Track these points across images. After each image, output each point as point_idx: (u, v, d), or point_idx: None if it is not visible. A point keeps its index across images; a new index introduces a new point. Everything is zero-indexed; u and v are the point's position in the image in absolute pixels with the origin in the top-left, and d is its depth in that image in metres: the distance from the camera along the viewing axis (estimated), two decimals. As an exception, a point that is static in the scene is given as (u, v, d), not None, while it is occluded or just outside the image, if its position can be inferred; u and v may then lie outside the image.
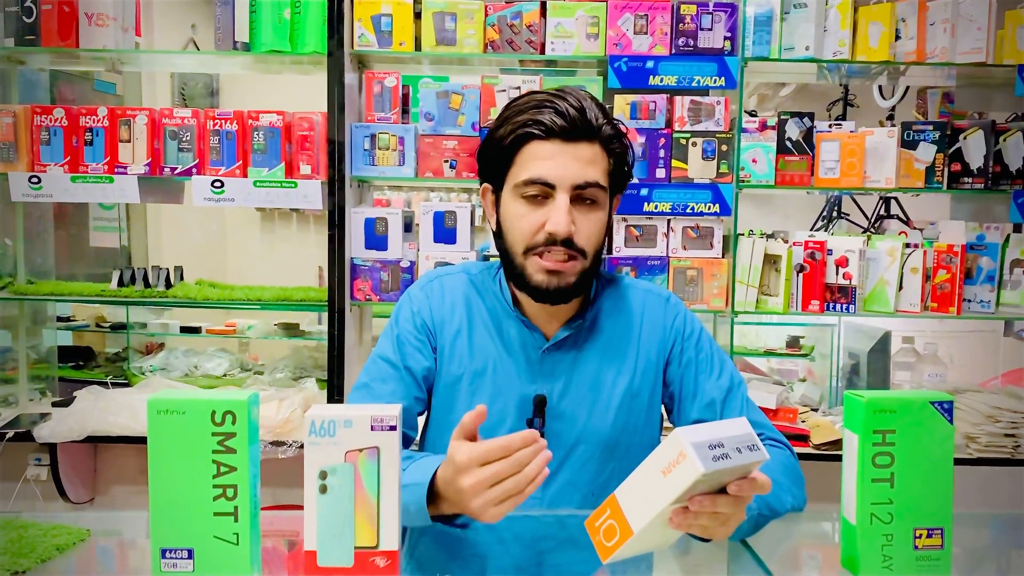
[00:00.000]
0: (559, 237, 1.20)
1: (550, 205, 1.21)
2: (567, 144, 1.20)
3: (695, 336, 1.36)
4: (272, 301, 2.57)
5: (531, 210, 1.22)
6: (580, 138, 1.21)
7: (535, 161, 1.21)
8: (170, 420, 0.90)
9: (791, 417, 2.46)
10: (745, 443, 0.88)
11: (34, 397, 2.73)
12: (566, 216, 1.19)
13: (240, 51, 2.42)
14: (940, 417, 0.98)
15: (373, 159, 2.42)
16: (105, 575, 1.10)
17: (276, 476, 2.20)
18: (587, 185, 1.21)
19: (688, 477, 0.84)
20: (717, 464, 0.84)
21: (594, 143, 1.22)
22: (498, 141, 1.25)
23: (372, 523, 0.92)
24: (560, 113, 1.19)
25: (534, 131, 1.20)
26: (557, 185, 1.20)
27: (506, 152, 1.24)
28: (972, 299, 2.41)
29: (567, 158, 1.20)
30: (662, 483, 0.87)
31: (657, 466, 0.88)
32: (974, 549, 1.20)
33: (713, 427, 0.89)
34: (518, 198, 1.23)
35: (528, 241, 1.23)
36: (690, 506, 0.88)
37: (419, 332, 1.33)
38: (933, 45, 2.36)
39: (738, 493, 0.89)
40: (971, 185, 2.42)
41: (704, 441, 0.85)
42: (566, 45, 2.39)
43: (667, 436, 0.88)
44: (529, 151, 1.22)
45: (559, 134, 1.20)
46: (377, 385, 1.29)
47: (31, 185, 2.41)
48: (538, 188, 1.21)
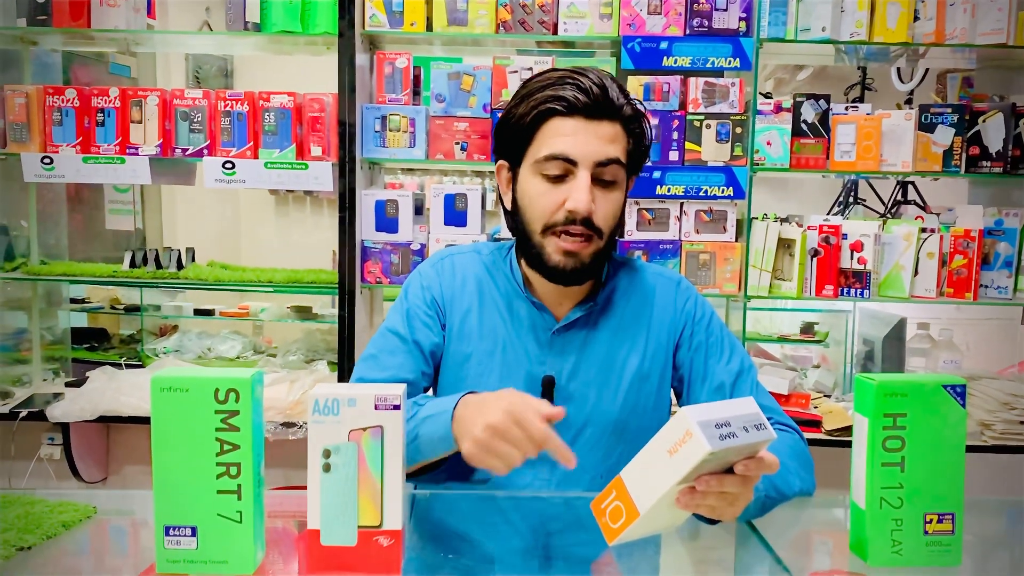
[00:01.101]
0: (579, 215, 1.19)
1: (570, 183, 1.20)
2: (589, 122, 1.19)
3: (706, 320, 1.35)
4: (283, 283, 2.57)
5: (551, 188, 1.21)
6: (602, 116, 1.19)
7: (557, 137, 1.20)
8: (173, 398, 0.90)
9: (803, 403, 2.44)
10: (752, 422, 0.87)
11: (48, 377, 2.75)
12: (587, 194, 1.18)
13: (251, 32, 2.42)
14: (952, 401, 0.96)
15: (384, 141, 2.41)
16: (110, 551, 1.11)
17: (287, 457, 2.21)
18: (608, 162, 1.20)
19: (695, 456, 0.83)
20: (724, 443, 0.83)
21: (615, 122, 1.21)
22: (518, 117, 1.23)
23: (376, 502, 0.92)
24: (583, 90, 1.18)
25: (556, 107, 1.19)
26: (579, 162, 1.19)
27: (526, 128, 1.22)
28: (989, 285, 2.38)
29: (589, 135, 1.19)
30: (668, 463, 0.86)
31: (663, 446, 0.86)
32: (986, 535, 1.18)
33: (719, 406, 0.87)
34: (537, 175, 1.22)
35: (547, 219, 1.22)
36: (697, 486, 0.87)
37: (429, 307, 1.32)
38: (952, 26, 2.32)
39: (745, 472, 0.88)
40: (989, 169, 2.38)
41: (710, 420, 0.84)
42: (579, 25, 2.37)
43: (673, 416, 0.87)
44: (550, 127, 1.20)
45: (581, 111, 1.19)
46: (385, 357, 1.29)
47: (43, 166, 2.42)
48: (559, 165, 1.20)
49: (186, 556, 0.91)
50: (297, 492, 1.10)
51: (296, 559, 1.01)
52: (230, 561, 0.91)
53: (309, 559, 0.92)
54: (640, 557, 1.05)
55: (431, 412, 1.13)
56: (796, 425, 1.31)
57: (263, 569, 0.95)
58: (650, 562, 1.06)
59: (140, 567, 0.97)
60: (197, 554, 0.91)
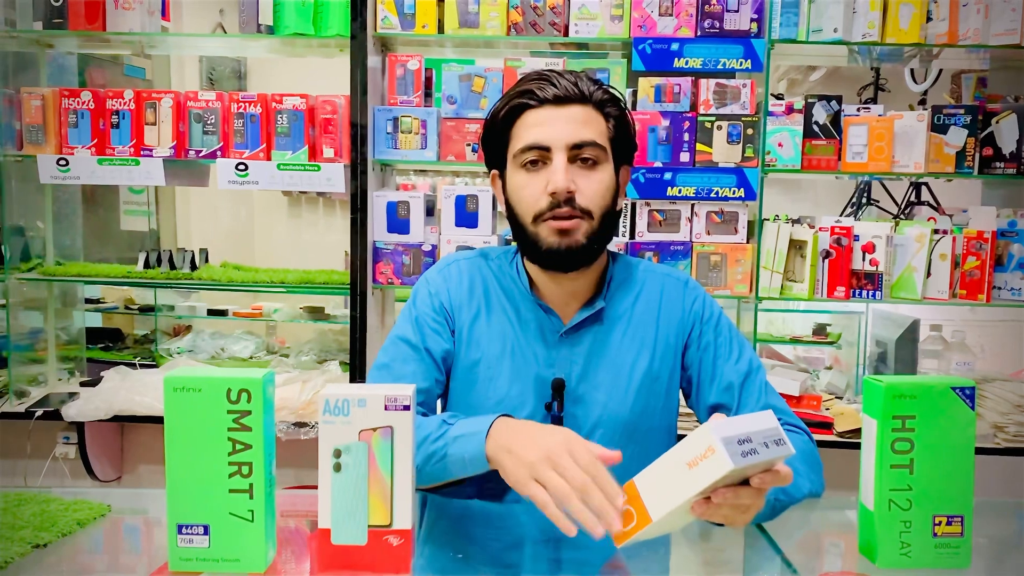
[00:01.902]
0: (561, 195, 1.20)
1: (548, 168, 1.22)
2: (559, 108, 1.22)
3: (714, 320, 1.34)
4: (295, 284, 2.59)
5: (531, 177, 1.23)
6: (572, 102, 1.22)
7: (530, 128, 1.23)
8: (186, 397, 0.91)
9: (815, 404, 2.43)
10: (772, 438, 0.88)
11: (63, 377, 2.77)
12: (563, 174, 1.20)
13: (264, 34, 2.43)
14: (961, 403, 0.96)
15: (396, 142, 2.42)
16: (124, 549, 1.12)
17: (299, 457, 2.22)
18: (583, 144, 1.21)
19: (716, 472, 0.84)
20: (745, 460, 0.84)
21: (587, 105, 1.23)
22: (496, 121, 1.27)
23: (386, 502, 0.92)
24: (550, 82, 1.22)
25: (526, 101, 1.22)
26: (552, 146, 1.21)
27: (502, 128, 1.26)
28: (1003, 286, 2.37)
29: (560, 121, 1.21)
30: (687, 475, 0.86)
31: (682, 458, 0.87)
32: (997, 538, 1.18)
33: (741, 421, 0.88)
34: (519, 168, 1.25)
35: (534, 208, 1.23)
36: (713, 498, 0.88)
37: (437, 314, 1.33)
38: (966, 27, 2.31)
39: (761, 485, 0.89)
40: (1003, 170, 2.37)
41: (733, 436, 0.85)
42: (590, 27, 2.37)
43: (695, 430, 0.87)
44: (523, 121, 1.24)
45: (550, 100, 1.22)
46: (398, 366, 1.30)
47: (59, 167, 2.44)
48: (535, 153, 1.22)
49: (198, 554, 0.92)
50: (309, 492, 1.11)
51: (307, 558, 1.02)
52: (242, 559, 0.92)
53: (320, 558, 0.93)
54: (650, 558, 1.06)
55: (462, 432, 1.12)
56: (805, 426, 1.31)
57: (274, 567, 0.96)
58: (660, 563, 1.06)
59: (153, 565, 0.98)
60: (209, 552, 0.92)
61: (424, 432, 1.14)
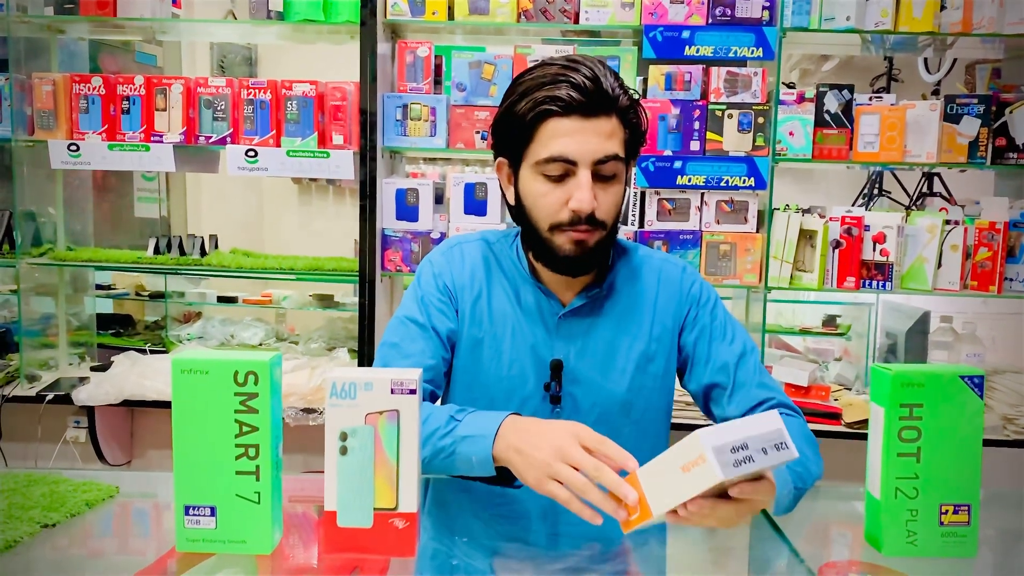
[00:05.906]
0: (583, 215, 1.20)
1: (571, 182, 1.21)
2: (586, 120, 1.19)
3: (710, 303, 1.37)
4: (305, 271, 2.59)
5: (553, 188, 1.22)
6: (599, 112, 1.20)
7: (555, 139, 1.20)
8: (193, 380, 0.92)
9: (823, 395, 2.43)
10: (773, 441, 0.85)
11: (73, 362, 2.79)
12: (589, 193, 1.20)
13: (275, 20, 2.43)
14: (970, 392, 0.96)
15: (405, 129, 2.42)
16: (132, 530, 1.13)
17: (308, 443, 2.23)
18: (607, 159, 1.21)
19: (707, 481, 0.83)
20: (739, 469, 0.82)
21: (612, 116, 1.22)
22: (516, 117, 1.23)
23: (391, 485, 0.93)
24: (576, 87, 1.18)
25: (553, 108, 1.19)
26: (579, 162, 1.20)
27: (525, 129, 1.23)
28: (1014, 278, 2.35)
29: (587, 134, 1.20)
30: (682, 479, 0.85)
31: (677, 461, 0.86)
32: (1006, 528, 1.18)
33: (739, 425, 0.85)
34: (539, 176, 1.23)
35: (553, 218, 1.23)
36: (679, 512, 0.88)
37: (442, 294, 1.35)
38: (980, 15, 2.29)
39: (739, 496, 0.88)
40: (1016, 161, 2.35)
41: (727, 443, 0.82)
42: (600, 14, 2.36)
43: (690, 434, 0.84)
44: (548, 128, 1.21)
45: (577, 109, 1.19)
46: (407, 344, 1.31)
47: (70, 153, 2.45)
48: (560, 166, 1.21)
49: (205, 535, 0.93)
50: (316, 476, 1.11)
51: (314, 540, 1.03)
52: (248, 541, 0.93)
53: (326, 540, 0.94)
54: (656, 546, 1.06)
55: (470, 432, 1.12)
56: (796, 407, 1.33)
57: (281, 549, 0.96)
58: (666, 551, 1.07)
59: (161, 545, 0.99)
60: (216, 533, 0.93)
61: (432, 426, 1.14)
